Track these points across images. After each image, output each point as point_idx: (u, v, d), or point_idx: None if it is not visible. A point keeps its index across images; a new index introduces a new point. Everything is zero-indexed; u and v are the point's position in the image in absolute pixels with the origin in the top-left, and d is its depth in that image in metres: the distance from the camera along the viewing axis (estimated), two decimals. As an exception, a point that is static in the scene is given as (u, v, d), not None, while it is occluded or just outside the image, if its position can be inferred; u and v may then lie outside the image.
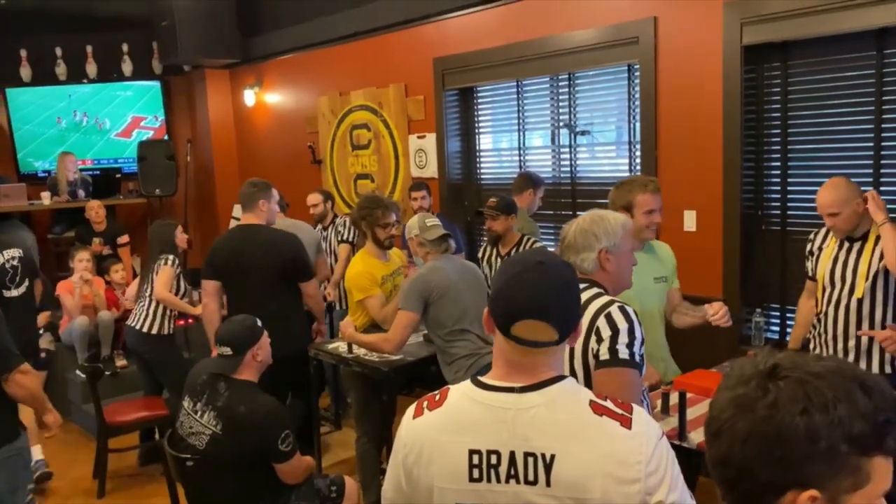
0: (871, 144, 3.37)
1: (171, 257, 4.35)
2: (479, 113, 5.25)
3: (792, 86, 3.59)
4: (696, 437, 2.38)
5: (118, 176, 7.71)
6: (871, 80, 3.33)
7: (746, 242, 3.77)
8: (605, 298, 1.95)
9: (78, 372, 5.08)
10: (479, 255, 4.13)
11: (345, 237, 4.96)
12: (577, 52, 4.29)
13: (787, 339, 3.76)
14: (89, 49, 7.53)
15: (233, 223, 7.04)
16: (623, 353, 1.85)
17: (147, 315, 4.30)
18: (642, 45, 3.98)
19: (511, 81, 4.86)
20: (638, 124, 4.15)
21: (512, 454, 1.30)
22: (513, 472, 1.31)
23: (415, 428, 1.42)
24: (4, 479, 2.69)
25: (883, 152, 3.34)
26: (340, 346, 3.56)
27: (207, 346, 3.82)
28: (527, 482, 1.30)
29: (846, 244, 2.95)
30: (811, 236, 3.13)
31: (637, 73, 4.11)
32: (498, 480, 1.32)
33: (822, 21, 3.30)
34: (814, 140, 3.56)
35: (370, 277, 3.58)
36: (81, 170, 7.19)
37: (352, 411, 3.82)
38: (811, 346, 3.10)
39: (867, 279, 2.84)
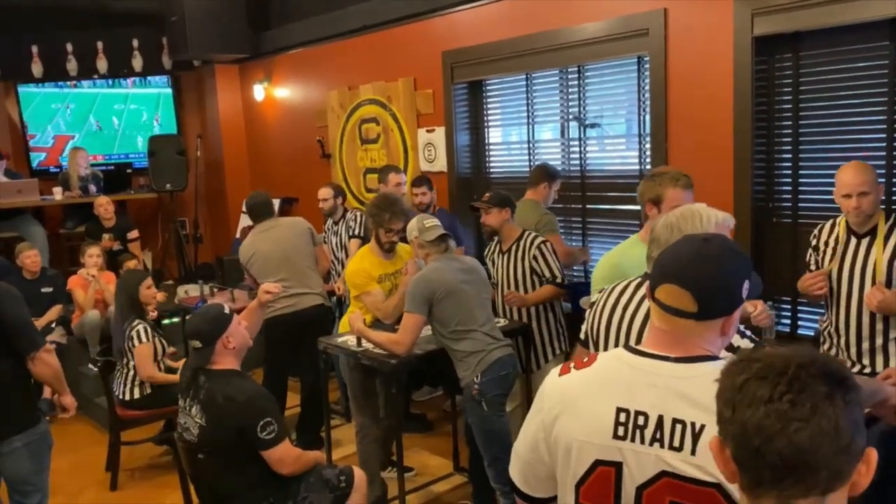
0: (884, 136, 3.34)
1: (141, 328, 4.13)
2: (489, 106, 5.24)
3: (803, 77, 3.55)
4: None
5: (129, 171, 7.77)
6: (884, 71, 3.29)
7: (758, 235, 3.75)
8: None
9: (90, 366, 5.12)
10: (485, 252, 4.12)
11: (355, 232, 4.96)
12: (587, 44, 4.27)
13: (800, 331, 3.76)
14: (100, 45, 7.58)
15: (243, 219, 7.08)
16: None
17: (129, 384, 4.16)
18: (652, 37, 3.95)
19: (520, 74, 4.85)
20: (648, 117, 4.13)
21: (660, 418, 1.31)
22: (658, 435, 1.31)
23: (560, 384, 1.43)
24: (29, 461, 2.80)
25: (896, 143, 3.31)
26: (350, 340, 3.57)
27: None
28: (671, 447, 1.30)
29: (853, 240, 2.90)
30: (816, 231, 3.09)
31: (647, 66, 4.09)
32: (642, 441, 1.32)
33: (835, 11, 3.27)
34: (826, 132, 3.53)
35: (365, 275, 3.60)
36: (93, 165, 7.24)
37: (350, 405, 3.84)
38: (825, 344, 3.05)
39: (884, 276, 2.78)
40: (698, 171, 3.84)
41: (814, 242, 3.08)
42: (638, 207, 4.33)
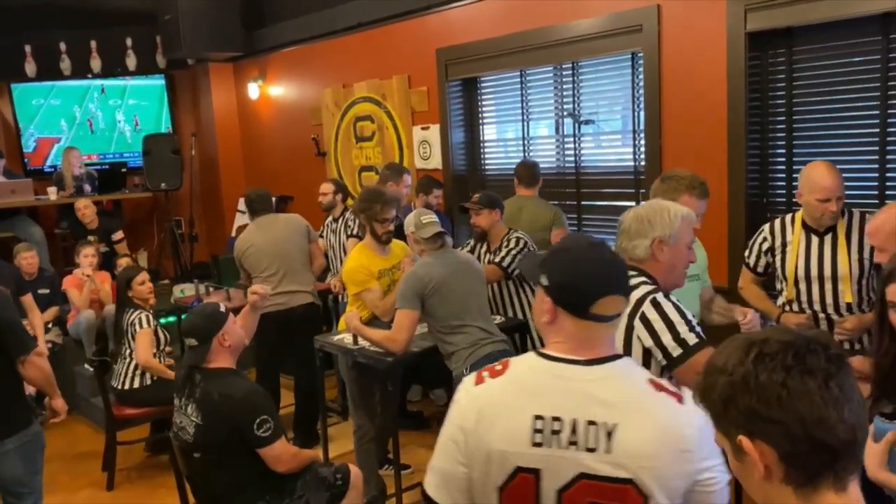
0: (878, 130, 3.35)
1: (143, 316, 4.16)
2: (483, 103, 5.24)
3: (797, 72, 3.56)
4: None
5: (124, 170, 7.75)
6: (876, 66, 3.30)
7: (752, 230, 3.74)
8: (649, 286, 1.97)
9: (86, 366, 5.11)
10: (465, 250, 4.11)
11: (353, 231, 4.96)
12: (581, 40, 4.27)
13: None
14: (93, 44, 7.55)
15: (238, 217, 7.07)
16: (691, 338, 1.90)
17: (129, 373, 4.15)
18: (646, 33, 3.96)
19: (514, 71, 4.85)
20: (642, 113, 4.13)
21: (574, 421, 1.36)
22: (574, 438, 1.36)
23: (476, 394, 1.45)
24: (21, 463, 2.79)
25: (889, 138, 3.32)
26: (346, 338, 3.57)
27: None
28: (587, 449, 1.35)
29: (815, 238, 2.89)
30: (765, 234, 3.05)
31: (641, 62, 4.09)
32: (559, 446, 1.36)
33: (827, 6, 3.27)
34: (819, 126, 3.54)
35: (366, 271, 3.59)
36: (87, 164, 7.22)
37: (349, 405, 3.85)
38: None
39: (850, 278, 2.80)
40: (692, 166, 3.84)
41: (766, 245, 3.05)
42: (633, 203, 4.36)
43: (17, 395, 2.84)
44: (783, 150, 3.67)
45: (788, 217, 3.02)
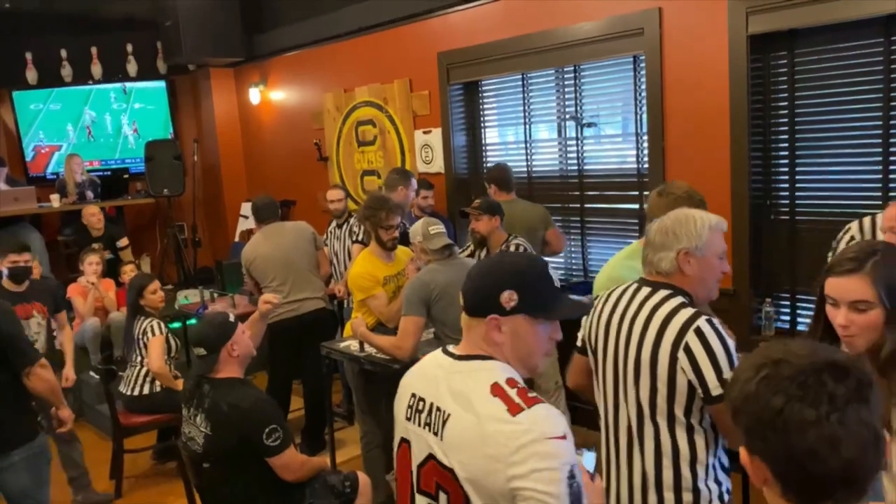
0: (881, 132, 3.35)
1: (155, 323, 4.17)
2: (485, 107, 5.25)
3: (799, 74, 3.56)
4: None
5: (126, 177, 7.75)
6: (879, 68, 3.30)
7: (755, 232, 3.77)
8: (690, 311, 1.86)
9: (92, 373, 5.12)
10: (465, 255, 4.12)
11: (359, 238, 4.97)
12: (582, 44, 4.28)
13: (799, 328, 3.77)
14: (94, 50, 7.56)
15: (241, 222, 7.08)
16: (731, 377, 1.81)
17: (140, 380, 4.16)
18: (647, 36, 3.96)
19: (516, 74, 4.85)
20: (644, 115, 4.14)
21: (431, 405, 1.52)
22: (427, 420, 1.52)
23: (407, 373, 1.68)
24: (27, 476, 2.79)
25: (892, 140, 3.32)
26: (352, 345, 3.58)
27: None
28: (433, 432, 1.50)
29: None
30: (854, 231, 2.90)
31: (643, 65, 4.10)
32: (419, 424, 1.54)
33: (829, 9, 3.28)
34: (822, 129, 3.55)
35: (371, 278, 3.60)
36: (89, 171, 7.22)
37: (355, 411, 3.85)
38: None
39: None
40: (695, 169, 3.88)
41: (848, 237, 2.91)
42: (636, 206, 4.37)
43: (22, 408, 2.84)
44: (786, 153, 3.68)
45: (881, 214, 2.83)
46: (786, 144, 3.67)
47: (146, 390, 4.14)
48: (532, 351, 1.54)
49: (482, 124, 5.27)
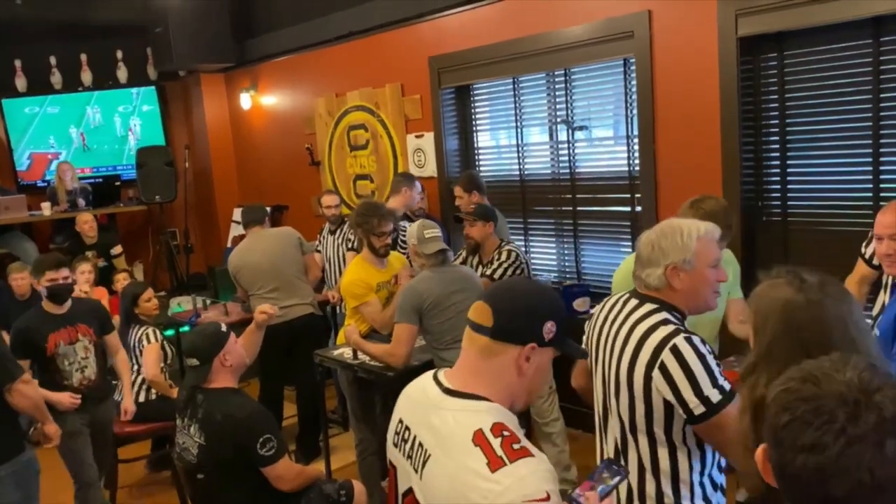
0: (870, 133, 3.36)
1: (150, 331, 4.16)
2: (477, 110, 5.24)
3: (789, 76, 3.57)
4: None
5: (117, 183, 7.72)
6: (867, 69, 3.32)
7: (748, 233, 3.77)
8: (669, 328, 1.80)
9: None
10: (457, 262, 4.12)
11: (354, 245, 4.96)
12: (573, 47, 4.28)
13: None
14: (84, 57, 7.52)
15: (234, 228, 7.06)
16: (714, 395, 1.74)
17: (134, 389, 4.12)
18: (637, 39, 3.97)
19: (507, 78, 4.85)
20: (635, 118, 4.14)
21: (414, 438, 1.45)
22: (410, 453, 1.45)
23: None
24: (16, 490, 2.79)
25: (882, 140, 3.34)
26: (346, 353, 3.57)
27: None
28: (413, 467, 1.43)
29: None
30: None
31: (633, 67, 4.10)
32: (402, 454, 1.48)
33: (818, 10, 3.29)
34: (812, 130, 3.56)
35: (364, 285, 3.59)
36: (80, 178, 7.19)
37: (350, 419, 3.85)
38: None
39: None
40: (687, 171, 3.89)
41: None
42: (628, 209, 4.38)
43: (8, 422, 2.82)
44: (777, 153, 3.69)
45: None
46: (776, 146, 3.68)
47: (141, 398, 4.13)
48: (543, 382, 1.51)
49: (474, 128, 5.27)
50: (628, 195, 4.35)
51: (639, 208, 4.23)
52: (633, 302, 1.92)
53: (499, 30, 4.66)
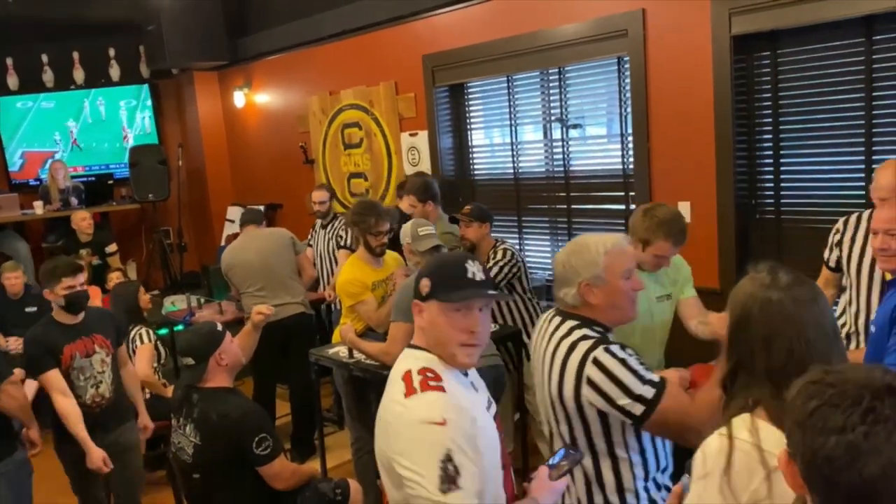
0: (863, 131, 3.38)
1: (144, 331, 4.14)
2: (471, 109, 5.24)
3: (782, 74, 3.59)
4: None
5: (110, 182, 7.69)
6: (860, 67, 3.33)
7: (741, 231, 3.79)
8: (589, 343, 1.86)
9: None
10: None
11: (345, 243, 4.96)
12: (567, 45, 4.28)
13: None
14: (76, 55, 7.49)
15: (227, 226, 7.04)
16: (647, 391, 1.80)
17: None
18: (631, 38, 3.97)
19: (501, 77, 4.85)
20: (629, 116, 4.15)
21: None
22: None
23: None
24: (9, 492, 2.78)
25: (874, 139, 3.35)
26: (341, 351, 3.57)
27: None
28: None
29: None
30: (839, 226, 2.94)
31: (627, 66, 4.11)
32: None
33: (811, 9, 3.30)
34: (805, 128, 3.57)
35: (360, 284, 3.59)
36: (73, 177, 7.17)
37: (346, 418, 3.85)
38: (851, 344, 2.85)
39: None
40: (680, 169, 3.90)
41: (837, 238, 2.92)
42: (622, 207, 4.39)
43: None
44: (770, 152, 3.70)
45: (867, 212, 2.86)
46: (770, 144, 3.69)
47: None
48: (446, 339, 1.63)
49: (468, 126, 5.27)
50: (622, 193, 4.36)
51: (633, 206, 4.24)
52: (557, 320, 1.99)
53: (493, 28, 4.66)
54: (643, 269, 2.79)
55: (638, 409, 1.79)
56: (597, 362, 1.82)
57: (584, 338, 1.88)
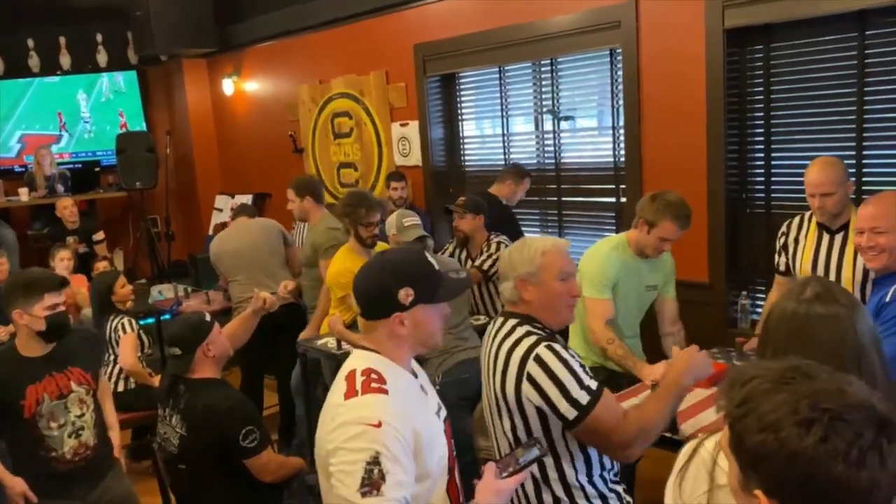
0: (854, 126, 3.38)
1: (126, 321, 4.09)
2: (462, 99, 5.21)
3: (774, 68, 3.58)
4: (688, 428, 2.37)
5: (97, 169, 7.61)
6: (853, 62, 3.33)
7: (731, 225, 3.79)
8: (532, 339, 1.90)
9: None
10: (446, 255, 4.10)
11: None
12: (559, 36, 4.26)
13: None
14: (62, 40, 7.39)
15: (216, 215, 6.99)
16: (583, 397, 1.84)
17: (112, 377, 4.06)
18: (624, 30, 3.95)
19: (493, 67, 4.83)
20: (621, 109, 4.13)
21: None
22: None
23: None
24: None
25: (865, 133, 3.36)
26: (329, 342, 3.55)
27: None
28: None
29: (826, 236, 2.82)
30: (784, 229, 3.03)
31: (619, 58, 4.09)
32: None
33: (804, 3, 3.30)
34: (797, 122, 3.57)
35: (350, 274, 3.54)
36: (59, 164, 7.08)
37: None
38: None
39: (853, 277, 2.69)
40: (671, 162, 3.89)
41: (782, 241, 3.02)
42: (613, 199, 4.38)
43: None
44: (762, 146, 3.70)
45: (808, 213, 2.92)
46: (762, 138, 3.69)
47: (120, 387, 4.09)
48: (432, 332, 1.69)
49: (459, 117, 5.24)
50: (613, 186, 4.35)
51: (623, 199, 4.24)
52: (500, 319, 2.04)
53: (485, 18, 4.63)
54: (645, 253, 2.84)
55: (571, 413, 1.83)
56: (538, 359, 1.86)
57: (529, 334, 1.93)
